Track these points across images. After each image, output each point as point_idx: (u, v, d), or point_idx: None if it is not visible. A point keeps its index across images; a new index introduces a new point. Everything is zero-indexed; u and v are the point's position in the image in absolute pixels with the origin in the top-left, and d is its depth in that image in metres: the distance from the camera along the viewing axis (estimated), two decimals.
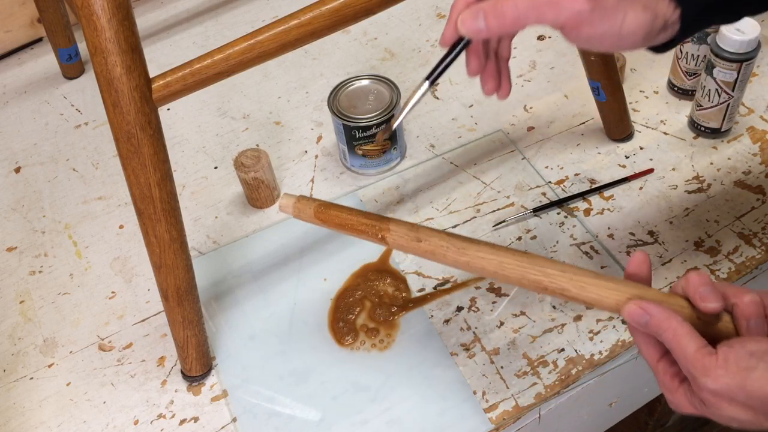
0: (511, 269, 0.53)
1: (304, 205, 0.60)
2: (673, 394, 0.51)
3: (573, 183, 0.85)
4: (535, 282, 0.53)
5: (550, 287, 0.53)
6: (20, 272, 0.84)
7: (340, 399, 0.70)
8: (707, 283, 0.50)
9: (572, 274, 0.52)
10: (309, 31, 0.59)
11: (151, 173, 0.59)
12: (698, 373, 0.47)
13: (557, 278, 0.52)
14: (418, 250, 0.57)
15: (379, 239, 0.58)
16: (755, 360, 0.46)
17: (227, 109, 1.00)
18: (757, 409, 0.46)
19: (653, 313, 0.49)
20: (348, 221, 0.59)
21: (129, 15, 0.55)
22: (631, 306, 0.50)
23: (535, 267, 0.53)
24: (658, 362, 0.51)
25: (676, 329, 0.48)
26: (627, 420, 0.87)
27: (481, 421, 0.68)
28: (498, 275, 0.54)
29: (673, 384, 0.51)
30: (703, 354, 0.47)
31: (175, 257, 0.63)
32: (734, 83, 0.81)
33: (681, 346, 0.48)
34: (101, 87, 0.56)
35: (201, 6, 1.16)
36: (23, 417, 0.72)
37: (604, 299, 0.51)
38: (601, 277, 0.52)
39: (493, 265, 0.54)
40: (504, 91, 0.57)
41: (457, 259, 0.55)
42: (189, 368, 0.71)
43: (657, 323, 0.49)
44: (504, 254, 0.54)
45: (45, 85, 1.06)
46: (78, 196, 0.91)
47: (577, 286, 0.52)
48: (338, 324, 0.75)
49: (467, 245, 0.55)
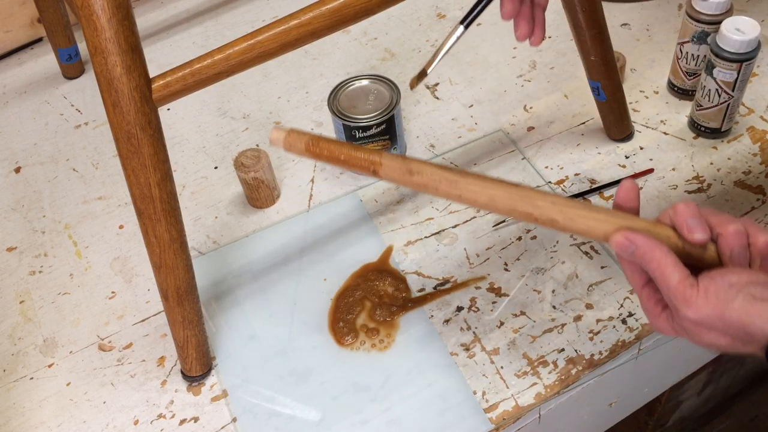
0: (501, 202, 0.54)
1: (296, 139, 0.58)
2: (656, 318, 0.53)
3: (573, 183, 0.85)
4: (525, 213, 0.54)
5: (540, 219, 0.54)
6: (20, 272, 0.84)
7: (340, 399, 0.70)
8: (694, 215, 0.52)
9: (562, 205, 0.53)
10: (309, 31, 0.59)
11: (151, 173, 0.59)
12: (680, 304, 0.49)
13: (546, 210, 0.53)
14: (410, 183, 0.57)
15: (371, 172, 0.57)
16: (734, 291, 0.48)
17: (227, 109, 1.00)
18: (735, 336, 0.49)
19: (639, 243, 0.51)
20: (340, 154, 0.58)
21: (129, 15, 0.55)
22: (618, 236, 0.51)
23: (525, 199, 0.54)
24: (643, 288, 0.54)
25: (660, 260, 0.50)
26: (627, 420, 0.87)
27: (481, 421, 0.68)
28: (489, 207, 0.55)
29: (656, 310, 0.53)
30: (685, 285, 0.49)
31: (175, 257, 0.63)
32: (734, 83, 0.81)
33: (664, 277, 0.50)
34: (101, 87, 0.56)
35: (201, 6, 1.16)
36: (23, 417, 0.72)
37: (593, 230, 0.52)
38: (591, 207, 0.53)
39: (484, 198, 0.55)
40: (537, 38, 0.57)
41: (449, 192, 0.56)
42: (189, 368, 0.71)
43: (642, 253, 0.50)
44: (495, 187, 0.55)
45: (45, 85, 1.06)
46: (78, 196, 0.91)
47: (566, 218, 0.53)
48: (338, 324, 0.75)
49: (459, 178, 0.55)
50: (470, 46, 1.04)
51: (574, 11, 0.75)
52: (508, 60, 1.01)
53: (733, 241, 0.51)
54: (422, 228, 0.83)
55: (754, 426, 1.37)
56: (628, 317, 0.73)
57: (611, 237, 0.52)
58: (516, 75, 0.99)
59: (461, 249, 0.80)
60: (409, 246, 0.81)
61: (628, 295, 0.75)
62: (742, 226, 0.51)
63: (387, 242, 0.82)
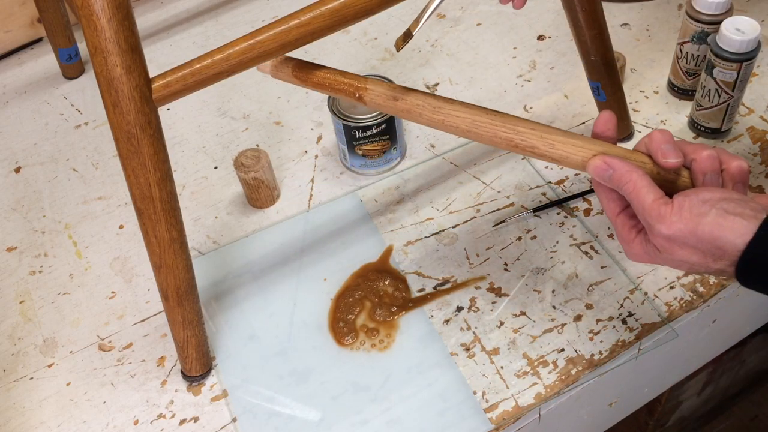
0: (483, 127, 0.55)
1: (283, 64, 0.59)
2: (629, 244, 0.54)
3: (573, 183, 0.85)
4: (507, 140, 0.55)
5: (520, 145, 0.55)
6: (20, 272, 0.84)
7: (340, 399, 0.70)
8: (669, 141, 0.53)
9: (542, 132, 0.54)
10: (309, 31, 0.59)
11: (151, 173, 0.59)
12: (653, 221, 0.50)
13: (527, 136, 0.54)
14: (394, 108, 0.57)
15: (356, 98, 0.58)
16: (707, 207, 0.49)
17: (227, 109, 1.00)
18: (706, 252, 0.50)
19: (616, 167, 0.52)
20: (326, 80, 0.59)
21: (129, 15, 0.55)
22: (596, 161, 0.53)
23: (507, 125, 0.55)
24: (618, 216, 0.55)
25: (636, 181, 0.51)
26: (627, 420, 0.87)
27: (481, 421, 0.68)
28: (471, 134, 0.56)
29: (630, 235, 0.54)
30: (659, 204, 0.50)
31: (175, 257, 0.63)
32: (734, 83, 0.81)
33: (639, 197, 0.51)
34: (101, 87, 0.56)
35: (201, 6, 1.16)
36: (23, 417, 0.72)
37: (572, 156, 0.54)
38: (570, 135, 0.54)
39: (467, 123, 0.55)
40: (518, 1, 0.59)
41: (432, 117, 0.56)
42: (189, 368, 0.71)
43: (619, 176, 0.52)
44: (477, 113, 0.55)
45: (45, 85, 1.06)
46: (78, 196, 0.91)
47: (547, 144, 0.54)
48: (338, 324, 0.75)
49: (442, 104, 0.56)
50: (470, 46, 1.04)
51: (574, 11, 0.75)
52: (508, 60, 1.01)
53: (705, 165, 0.52)
54: (422, 228, 0.83)
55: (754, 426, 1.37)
56: (628, 317, 0.73)
57: (589, 162, 0.53)
58: (516, 75, 0.99)
59: (461, 249, 0.80)
60: (409, 246, 0.81)
61: (628, 295, 0.75)
62: (714, 152, 0.53)
63: (387, 242, 0.82)
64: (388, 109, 0.58)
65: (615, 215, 0.55)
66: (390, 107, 0.58)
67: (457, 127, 0.56)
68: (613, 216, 0.55)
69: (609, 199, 0.55)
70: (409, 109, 0.57)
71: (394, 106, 0.57)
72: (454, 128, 0.56)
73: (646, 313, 0.74)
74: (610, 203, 0.55)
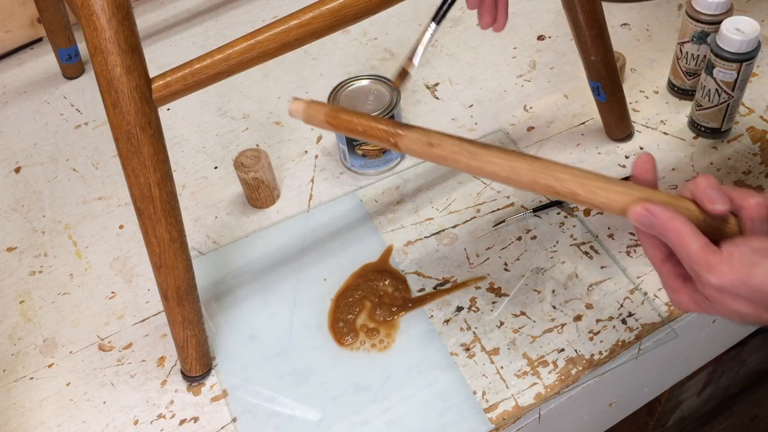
0: (523, 174, 0.54)
1: (315, 110, 0.59)
2: (676, 293, 0.52)
3: None
4: (546, 186, 0.53)
5: (561, 191, 0.53)
6: (20, 272, 0.84)
7: (340, 399, 0.70)
8: (715, 187, 0.51)
9: (583, 178, 0.53)
10: (309, 31, 0.59)
11: (151, 173, 0.59)
12: (702, 270, 0.48)
13: (568, 183, 0.53)
14: (430, 155, 0.56)
15: (391, 144, 0.57)
16: (758, 256, 0.47)
17: (227, 109, 1.00)
18: (758, 303, 0.48)
19: (657, 213, 0.50)
20: (360, 126, 0.58)
21: (129, 15, 0.55)
22: (636, 207, 0.50)
23: (546, 171, 0.53)
24: (663, 263, 0.53)
25: (680, 228, 0.49)
26: (627, 420, 0.87)
27: (481, 421, 0.68)
28: (510, 180, 0.54)
29: (676, 284, 0.52)
30: (707, 251, 0.48)
31: (175, 257, 0.63)
32: (734, 83, 0.81)
33: (684, 245, 0.49)
34: (101, 87, 0.56)
35: (201, 6, 1.16)
36: (23, 417, 0.72)
37: (613, 202, 0.52)
38: (611, 180, 0.52)
39: (505, 169, 0.54)
40: (499, 24, 0.59)
41: (469, 164, 0.55)
42: (189, 368, 0.71)
43: (661, 223, 0.50)
44: (516, 159, 0.54)
45: (45, 85, 1.06)
46: (78, 196, 0.91)
47: (588, 191, 0.52)
48: (338, 324, 0.75)
49: (479, 150, 0.55)
50: (470, 46, 1.04)
51: (574, 11, 0.75)
52: (508, 60, 1.01)
53: (754, 213, 0.50)
54: (422, 228, 0.83)
55: (754, 426, 1.37)
56: (628, 317, 0.73)
57: (629, 208, 0.51)
58: (516, 75, 0.99)
59: (461, 249, 0.80)
60: (409, 246, 0.81)
61: (628, 295, 0.75)
62: (763, 199, 0.51)
63: (387, 242, 0.82)
64: (424, 155, 0.57)
65: (660, 263, 0.53)
66: (425, 153, 0.57)
67: (495, 174, 0.54)
68: (658, 264, 0.53)
69: (653, 246, 0.53)
70: (446, 156, 0.56)
71: (430, 153, 0.56)
72: (491, 174, 0.55)
73: (646, 313, 0.74)
74: (655, 250, 0.53)
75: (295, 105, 0.59)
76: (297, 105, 0.59)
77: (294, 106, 0.59)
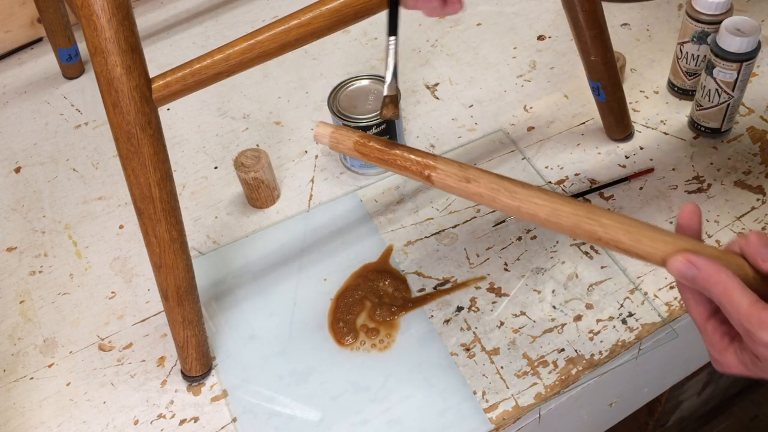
0: (565, 217, 0.51)
1: (343, 136, 0.55)
2: (722, 354, 0.49)
3: (573, 183, 0.85)
4: (590, 232, 0.51)
5: (604, 238, 0.50)
6: (20, 272, 0.84)
7: (340, 399, 0.70)
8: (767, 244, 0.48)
9: (628, 225, 0.50)
10: (309, 31, 0.59)
11: (151, 173, 0.59)
12: (754, 328, 0.45)
13: (613, 230, 0.50)
14: (466, 191, 0.53)
15: (424, 177, 0.53)
16: None
17: (227, 109, 1.00)
18: None
19: (701, 266, 0.47)
20: (391, 156, 0.54)
21: (129, 15, 0.55)
22: (678, 259, 0.47)
23: (591, 216, 0.50)
24: (707, 321, 0.49)
25: (727, 283, 0.46)
26: (627, 420, 0.87)
27: (481, 421, 0.68)
28: (550, 223, 0.51)
29: (722, 343, 0.49)
30: (758, 308, 0.45)
31: (175, 257, 0.63)
32: (734, 83, 0.81)
33: (733, 301, 0.46)
34: (101, 87, 0.56)
35: (201, 6, 1.16)
36: (23, 417, 0.72)
37: (657, 252, 0.49)
38: (656, 229, 0.50)
39: (546, 211, 0.51)
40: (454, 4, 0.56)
41: (508, 203, 0.52)
42: (189, 368, 0.71)
43: (706, 277, 0.47)
44: (558, 201, 0.51)
45: (45, 85, 1.06)
46: (78, 196, 0.91)
47: (633, 239, 0.49)
48: (338, 324, 0.75)
49: (519, 189, 0.52)
50: (470, 46, 1.04)
51: (574, 11, 0.75)
52: (508, 60, 1.01)
53: None
54: (422, 228, 0.83)
55: (754, 426, 1.37)
56: (628, 317, 0.73)
57: (669, 260, 0.48)
58: (516, 75, 0.99)
59: (461, 249, 0.80)
60: (409, 246, 0.81)
61: (628, 295, 0.75)
62: None
63: (387, 242, 0.82)
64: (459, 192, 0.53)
65: (704, 320, 0.49)
66: (461, 190, 0.53)
67: (534, 215, 0.52)
68: (701, 321, 0.50)
69: (696, 302, 0.49)
70: (482, 194, 0.52)
71: (466, 189, 0.53)
72: (530, 216, 0.52)
73: (646, 313, 0.74)
74: (698, 307, 0.49)
75: (321, 129, 0.56)
76: (323, 129, 0.56)
77: (320, 131, 0.56)
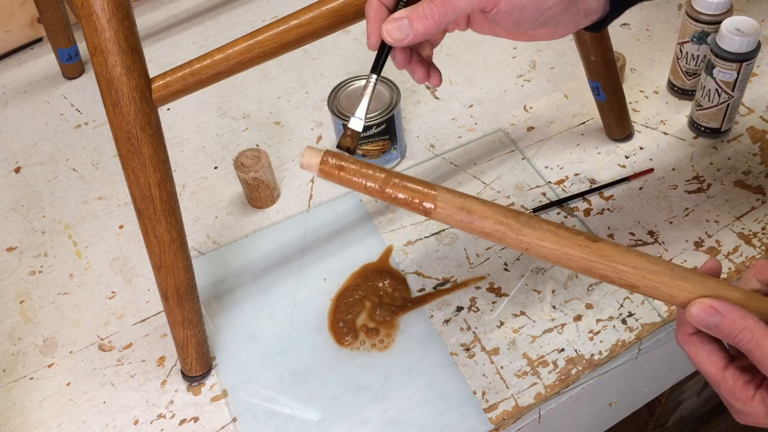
0: (575, 261, 0.49)
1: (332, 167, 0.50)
2: (747, 404, 0.46)
3: (573, 183, 0.85)
4: (602, 276, 0.49)
5: (618, 282, 0.49)
6: (20, 272, 0.84)
7: (340, 399, 0.70)
8: None
9: (644, 271, 0.47)
10: (309, 31, 0.59)
11: (151, 173, 0.59)
12: None
13: (627, 276, 0.48)
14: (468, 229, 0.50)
15: (421, 211, 0.50)
16: None
17: (227, 109, 1.00)
18: None
19: (725, 312, 0.45)
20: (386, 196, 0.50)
21: (129, 15, 0.55)
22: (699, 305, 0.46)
23: (603, 262, 0.48)
24: (725, 371, 0.47)
25: (754, 329, 0.45)
26: (627, 420, 0.87)
27: (481, 421, 0.68)
28: (561, 264, 0.50)
29: (746, 393, 0.46)
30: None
31: (175, 257, 0.63)
32: (734, 83, 0.81)
33: (762, 347, 0.44)
34: (101, 87, 0.56)
35: (201, 6, 1.16)
36: (23, 417, 0.72)
37: (674, 299, 0.47)
38: (674, 269, 0.47)
39: (556, 255, 0.49)
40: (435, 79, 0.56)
41: (516, 245, 0.50)
42: (189, 368, 0.71)
43: (730, 323, 0.45)
44: (568, 244, 0.49)
45: (45, 85, 1.06)
46: (78, 196, 0.91)
47: (649, 287, 0.48)
48: (338, 324, 0.75)
49: (527, 230, 0.49)
50: (470, 46, 1.04)
51: None
52: (508, 60, 1.01)
53: None
54: (422, 228, 0.83)
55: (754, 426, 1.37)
56: (628, 317, 0.73)
57: (689, 307, 0.46)
58: (516, 75, 0.99)
59: (461, 249, 0.80)
60: (409, 246, 0.81)
61: (628, 295, 0.75)
62: None
63: (387, 242, 0.82)
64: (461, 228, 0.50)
65: (721, 371, 0.47)
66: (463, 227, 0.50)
67: (544, 258, 0.50)
68: (718, 372, 0.47)
69: (710, 352, 0.47)
70: (486, 234, 0.50)
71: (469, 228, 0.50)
72: (541, 257, 0.50)
73: (646, 313, 0.74)
74: (712, 357, 0.47)
75: (307, 158, 0.50)
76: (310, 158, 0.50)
77: (306, 160, 0.50)
